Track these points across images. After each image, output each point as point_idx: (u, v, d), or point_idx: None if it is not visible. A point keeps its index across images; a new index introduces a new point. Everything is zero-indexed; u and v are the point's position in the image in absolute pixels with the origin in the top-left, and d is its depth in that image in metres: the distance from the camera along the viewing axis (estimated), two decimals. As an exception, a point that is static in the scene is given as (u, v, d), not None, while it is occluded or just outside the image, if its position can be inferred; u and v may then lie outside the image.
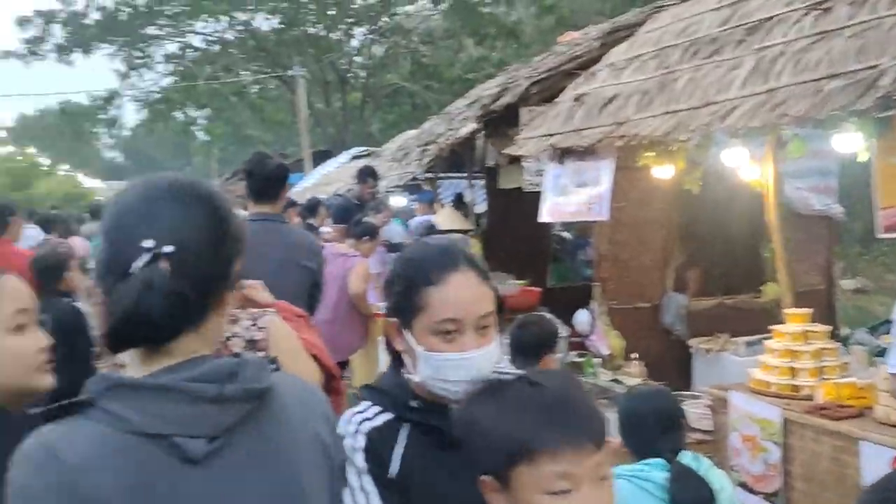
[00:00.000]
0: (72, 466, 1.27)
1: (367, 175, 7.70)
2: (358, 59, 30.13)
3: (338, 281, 5.89)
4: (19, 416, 1.69)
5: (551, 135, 4.74)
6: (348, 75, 29.90)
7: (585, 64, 6.60)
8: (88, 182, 55.81)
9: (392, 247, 8.76)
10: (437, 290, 1.70)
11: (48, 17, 27.25)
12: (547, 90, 6.70)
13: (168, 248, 1.33)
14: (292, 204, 8.02)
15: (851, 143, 3.11)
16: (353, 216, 7.24)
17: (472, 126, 7.31)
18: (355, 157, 16.87)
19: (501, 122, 7.66)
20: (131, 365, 1.40)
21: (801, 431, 3.61)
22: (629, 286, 6.98)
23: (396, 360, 1.80)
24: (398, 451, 1.70)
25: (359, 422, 1.73)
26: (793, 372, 3.89)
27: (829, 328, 4.07)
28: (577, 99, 4.71)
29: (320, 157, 23.13)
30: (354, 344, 6.34)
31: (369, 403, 1.78)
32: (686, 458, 2.81)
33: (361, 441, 1.70)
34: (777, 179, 4.29)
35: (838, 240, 8.06)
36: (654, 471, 2.72)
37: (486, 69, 28.24)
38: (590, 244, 11.16)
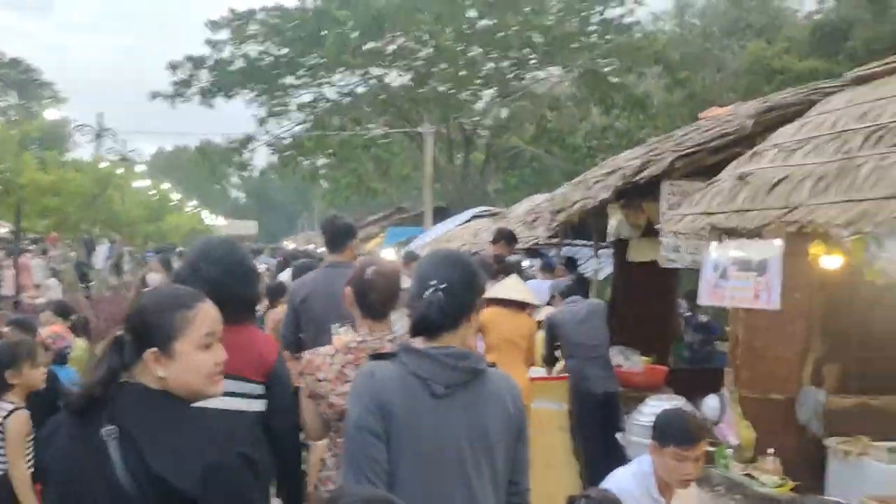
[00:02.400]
0: (377, 380, 2.50)
1: (510, 238, 7.62)
2: (483, 120, 30.53)
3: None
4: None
5: (710, 213, 4.54)
6: (473, 135, 30.28)
7: (735, 142, 6.41)
8: (212, 219, 58.07)
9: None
10: None
11: (197, 62, 28.79)
12: (691, 165, 6.53)
13: (442, 285, 2.52)
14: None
15: None
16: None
17: (608, 195, 7.18)
18: (476, 217, 16.91)
19: (636, 193, 7.50)
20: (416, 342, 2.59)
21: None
22: (764, 376, 6.62)
23: None
24: None
25: None
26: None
27: None
28: (741, 178, 4.51)
29: (436, 214, 23.38)
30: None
31: None
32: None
33: None
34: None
35: None
36: None
37: (610, 139, 28.13)
38: (713, 327, 10.80)
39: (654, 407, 5.68)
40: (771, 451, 5.53)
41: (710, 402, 6.49)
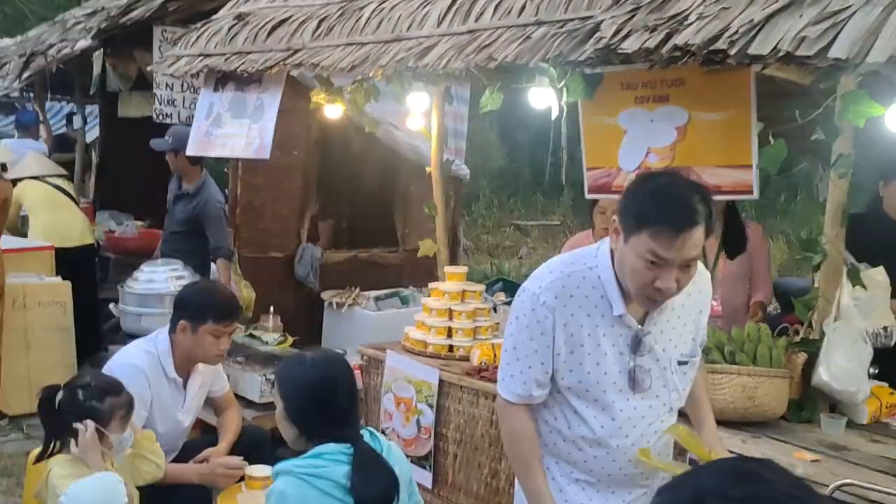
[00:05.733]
0: None
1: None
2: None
3: None
4: None
5: (208, 55, 4.10)
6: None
7: (232, -13, 6.01)
8: None
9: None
10: None
11: None
12: (187, 9, 5.97)
13: None
14: None
15: (544, 98, 3.01)
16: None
17: (90, 41, 6.29)
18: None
19: (126, 41, 6.73)
20: None
21: (458, 394, 3.52)
22: (263, 235, 6.58)
23: None
24: None
25: None
26: (450, 332, 3.80)
27: (482, 287, 4.04)
28: (239, 17, 4.11)
29: None
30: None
31: None
32: (364, 437, 2.46)
33: None
34: (441, 133, 4.15)
35: (462, 201, 8.37)
36: (333, 465, 2.29)
37: (98, -14, 25.51)
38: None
39: (150, 273, 5.26)
40: (272, 309, 5.50)
41: (212, 266, 6.26)
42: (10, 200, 5.57)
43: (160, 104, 6.10)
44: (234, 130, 4.06)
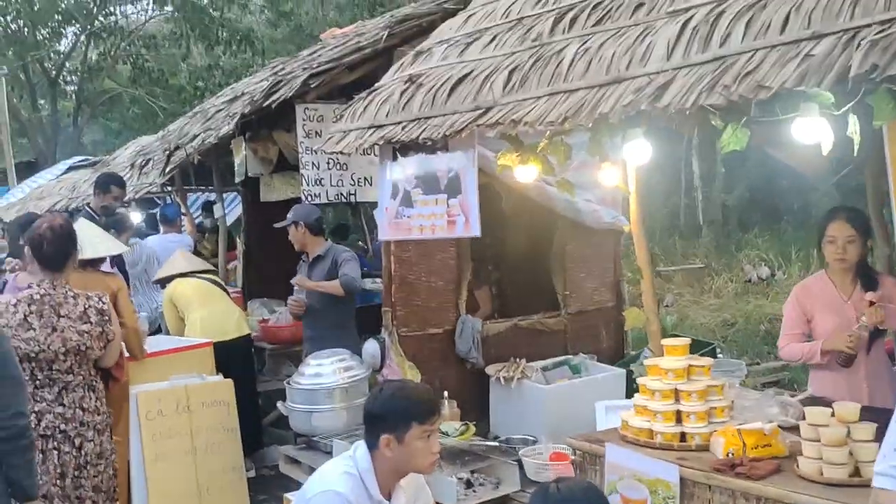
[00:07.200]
0: None
1: (111, 183, 6.27)
2: (69, 63, 27.15)
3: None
4: None
5: (381, 126, 3.74)
6: (59, 79, 26.79)
7: (372, 57, 5.75)
8: None
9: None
10: None
11: None
12: (327, 84, 5.73)
13: None
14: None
15: (814, 129, 2.46)
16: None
17: (233, 125, 6.12)
18: (73, 168, 14.73)
19: (263, 124, 6.57)
20: None
21: (707, 495, 2.93)
22: (420, 311, 6.17)
23: None
24: None
25: None
26: (678, 416, 3.23)
27: (711, 361, 3.45)
28: (411, 80, 3.74)
29: (25, 169, 20.29)
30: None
31: None
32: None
33: None
34: (639, 186, 3.63)
35: (622, 255, 7.76)
36: None
37: (217, 77, 26.44)
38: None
39: (317, 367, 4.90)
40: (445, 394, 5.04)
41: (369, 348, 5.88)
42: (122, 292, 5.23)
43: (308, 185, 5.85)
44: (429, 209, 3.64)
